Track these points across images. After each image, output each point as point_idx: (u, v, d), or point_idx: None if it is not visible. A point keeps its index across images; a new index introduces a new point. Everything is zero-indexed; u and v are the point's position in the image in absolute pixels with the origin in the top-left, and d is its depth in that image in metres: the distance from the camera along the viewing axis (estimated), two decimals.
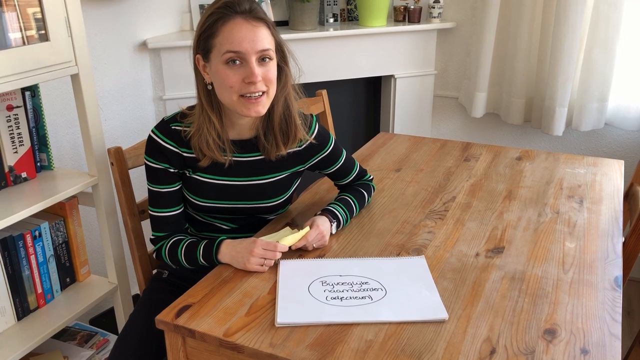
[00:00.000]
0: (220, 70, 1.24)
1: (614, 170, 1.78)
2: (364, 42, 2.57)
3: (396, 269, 1.24)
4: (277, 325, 1.05)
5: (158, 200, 1.36)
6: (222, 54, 1.22)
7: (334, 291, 1.16)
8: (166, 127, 1.34)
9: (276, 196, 1.42)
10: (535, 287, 1.17)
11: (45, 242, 1.56)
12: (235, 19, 1.21)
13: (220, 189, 1.37)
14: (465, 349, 0.99)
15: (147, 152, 1.34)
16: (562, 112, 2.40)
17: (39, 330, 1.50)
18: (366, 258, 1.29)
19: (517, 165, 1.83)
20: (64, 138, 2.03)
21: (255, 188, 1.39)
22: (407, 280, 1.20)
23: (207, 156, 1.32)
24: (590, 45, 2.34)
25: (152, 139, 1.33)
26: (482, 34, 2.49)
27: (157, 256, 1.41)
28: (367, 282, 1.19)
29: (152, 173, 1.35)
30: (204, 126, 1.29)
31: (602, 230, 1.41)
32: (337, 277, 1.21)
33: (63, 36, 1.45)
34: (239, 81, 1.23)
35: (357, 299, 1.13)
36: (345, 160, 1.52)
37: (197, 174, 1.36)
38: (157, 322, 1.09)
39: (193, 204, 1.39)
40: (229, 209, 1.40)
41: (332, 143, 1.47)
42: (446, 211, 1.51)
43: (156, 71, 2.30)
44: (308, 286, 1.18)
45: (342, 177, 1.54)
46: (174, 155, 1.33)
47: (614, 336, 1.02)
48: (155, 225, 1.38)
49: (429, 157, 1.91)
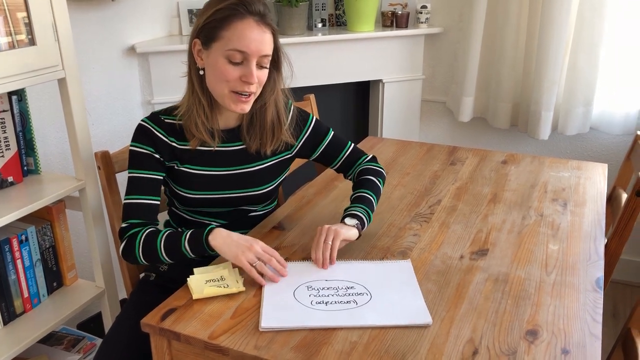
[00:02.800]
0: (219, 63, 1.26)
1: (598, 173, 1.81)
2: (352, 47, 2.59)
3: (382, 273, 1.25)
4: (261, 329, 1.06)
5: (137, 186, 1.32)
6: (227, 48, 1.25)
7: (319, 296, 1.16)
8: (156, 117, 1.37)
9: (264, 183, 1.44)
10: (518, 289, 1.18)
11: (32, 246, 1.56)
12: (249, 19, 1.25)
13: (210, 179, 1.39)
14: (448, 350, 1.00)
15: (134, 139, 1.35)
16: (547, 116, 2.43)
17: (25, 335, 1.50)
18: (352, 261, 1.30)
19: (502, 168, 1.85)
20: (52, 142, 2.02)
21: (243, 176, 1.41)
22: (392, 285, 1.20)
23: (196, 137, 1.34)
24: (575, 50, 2.37)
25: (141, 125, 1.35)
26: (469, 39, 2.52)
27: (126, 249, 1.29)
28: (353, 287, 1.20)
29: (136, 158, 1.34)
30: (194, 107, 1.33)
31: (585, 232, 1.42)
32: (323, 281, 1.22)
33: (50, 40, 1.45)
34: (236, 78, 1.27)
35: (342, 304, 1.14)
36: (334, 138, 1.52)
37: (185, 166, 1.37)
38: (143, 325, 1.10)
39: (182, 198, 1.40)
40: (218, 200, 1.41)
41: (313, 121, 1.49)
42: (432, 214, 1.53)
43: (145, 76, 2.30)
44: (293, 291, 1.18)
45: (334, 158, 1.53)
46: (162, 144, 1.34)
47: (594, 336, 1.04)
48: (130, 212, 1.31)
49: (415, 161, 1.93)
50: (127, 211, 1.32)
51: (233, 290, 1.17)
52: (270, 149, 1.41)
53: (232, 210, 1.45)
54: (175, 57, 2.25)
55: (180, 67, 2.21)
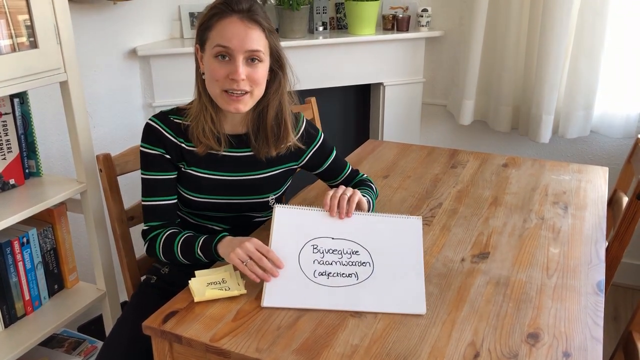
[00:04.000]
0: (209, 63, 1.29)
1: (599, 177, 1.81)
2: (353, 50, 2.59)
3: (390, 235, 1.26)
4: (262, 306, 1.11)
5: (153, 188, 1.36)
6: (212, 46, 1.27)
7: (323, 262, 1.20)
8: (165, 117, 1.37)
9: (270, 191, 1.44)
10: (520, 292, 1.18)
11: (33, 248, 1.56)
12: (232, 16, 1.27)
13: (215, 183, 1.39)
14: (449, 353, 1.00)
15: (144, 139, 1.36)
16: (548, 119, 2.43)
17: (27, 338, 1.50)
18: (362, 214, 1.30)
19: (503, 172, 1.85)
20: (54, 145, 2.03)
21: (249, 183, 1.42)
22: (397, 252, 1.23)
23: (203, 143, 1.34)
24: (576, 53, 2.37)
25: (149, 125, 1.36)
26: (470, 42, 2.52)
27: (148, 249, 1.37)
28: (358, 252, 1.22)
29: (147, 160, 1.36)
30: (201, 113, 1.34)
31: (586, 236, 1.42)
32: (329, 240, 1.24)
33: (52, 43, 1.46)
34: (224, 76, 1.28)
35: (343, 277, 1.18)
36: (336, 157, 1.55)
37: (191, 168, 1.38)
38: (144, 327, 1.10)
39: (187, 201, 1.40)
40: (222, 205, 1.41)
41: (322, 137, 1.51)
42: (433, 217, 1.53)
43: (146, 78, 2.30)
44: (299, 253, 1.21)
45: (335, 176, 1.55)
46: (171, 144, 1.35)
47: (595, 339, 1.04)
48: (149, 215, 1.37)
49: (416, 164, 1.93)
50: (146, 213, 1.37)
51: (234, 292, 1.17)
52: (276, 151, 1.40)
53: (236, 215, 1.46)
54: (177, 60, 2.26)
55: (182, 70, 2.24)
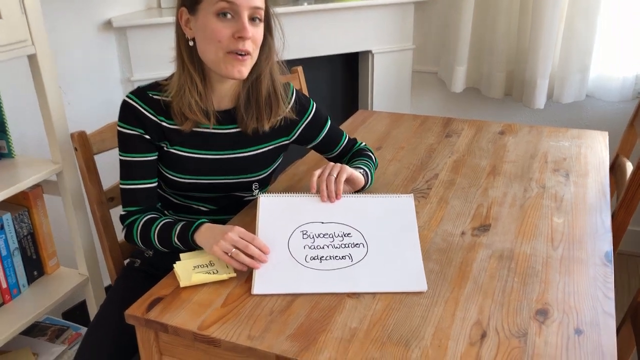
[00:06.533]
0: (209, 23, 1.17)
1: (599, 142, 1.74)
2: (340, 16, 2.49)
3: (382, 213, 1.21)
4: (253, 293, 1.04)
5: (131, 170, 1.26)
6: (214, 3, 1.16)
7: (314, 247, 1.13)
8: (143, 93, 1.26)
9: (258, 170, 1.36)
10: (525, 266, 1.12)
11: (9, 234, 1.47)
12: None
13: (200, 163, 1.30)
14: (454, 333, 0.94)
15: (121, 118, 1.25)
16: (543, 84, 2.36)
17: (6, 327, 1.43)
18: (351, 196, 1.26)
19: (500, 139, 1.78)
20: (28, 124, 1.92)
21: (237, 162, 1.33)
22: (391, 230, 1.17)
23: (190, 120, 1.24)
24: (571, 15, 2.29)
25: (126, 103, 1.25)
26: (461, 5, 2.42)
27: (126, 235, 1.28)
28: (350, 234, 1.15)
29: (125, 140, 1.26)
30: (186, 86, 1.23)
31: (590, 204, 1.36)
32: (319, 224, 1.17)
33: (16, 13, 1.35)
34: (228, 36, 1.17)
35: (337, 260, 1.10)
36: (332, 127, 1.46)
37: (174, 148, 1.28)
38: (127, 316, 1.02)
39: (170, 182, 1.31)
40: (208, 185, 1.33)
41: (314, 107, 1.42)
42: (429, 189, 1.46)
43: (123, 51, 2.19)
44: (288, 239, 1.14)
45: (332, 148, 1.48)
46: (151, 123, 1.25)
47: (607, 314, 0.98)
48: (127, 199, 1.28)
49: (409, 134, 1.85)
50: (124, 197, 1.28)
51: (223, 276, 1.09)
52: (269, 125, 1.32)
53: (223, 195, 1.37)
54: (155, 31, 2.14)
55: (161, 42, 2.12)
